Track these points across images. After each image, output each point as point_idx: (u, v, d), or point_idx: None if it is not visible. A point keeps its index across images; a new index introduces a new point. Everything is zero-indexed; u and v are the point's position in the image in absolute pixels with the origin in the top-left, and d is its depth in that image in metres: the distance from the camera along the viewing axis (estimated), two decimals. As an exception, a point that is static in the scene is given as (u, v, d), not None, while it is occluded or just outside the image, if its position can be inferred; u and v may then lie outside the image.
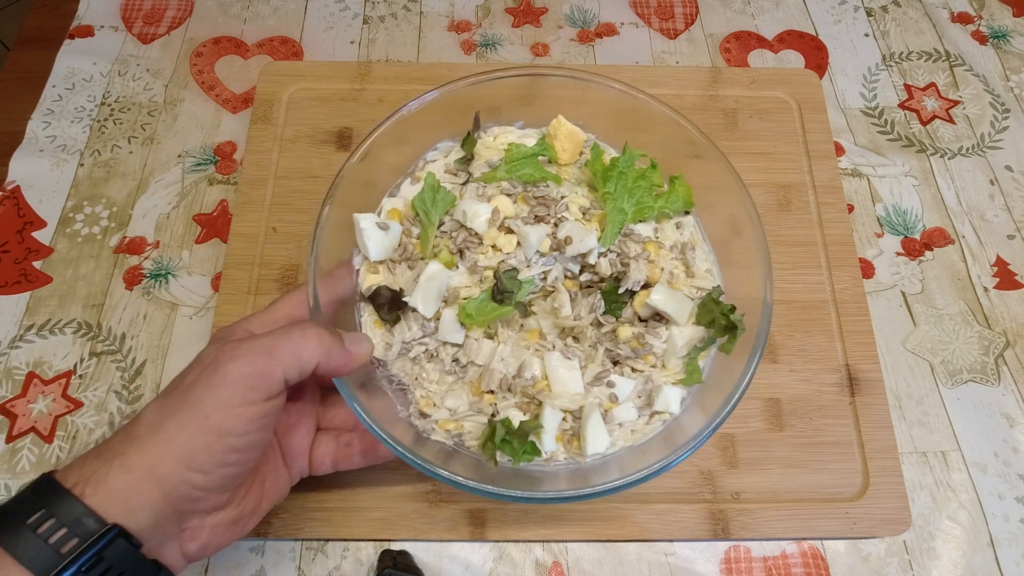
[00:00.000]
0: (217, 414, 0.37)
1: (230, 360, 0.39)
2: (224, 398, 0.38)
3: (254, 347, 0.39)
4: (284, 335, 0.41)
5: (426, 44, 0.78)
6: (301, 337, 0.41)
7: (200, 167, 0.69)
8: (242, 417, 0.38)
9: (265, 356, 0.39)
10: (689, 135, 0.55)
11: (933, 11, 0.83)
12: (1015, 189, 0.71)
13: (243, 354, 0.39)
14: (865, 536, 0.55)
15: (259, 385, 0.39)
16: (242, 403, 0.38)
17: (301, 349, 0.40)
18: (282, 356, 0.40)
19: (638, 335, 0.51)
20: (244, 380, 0.38)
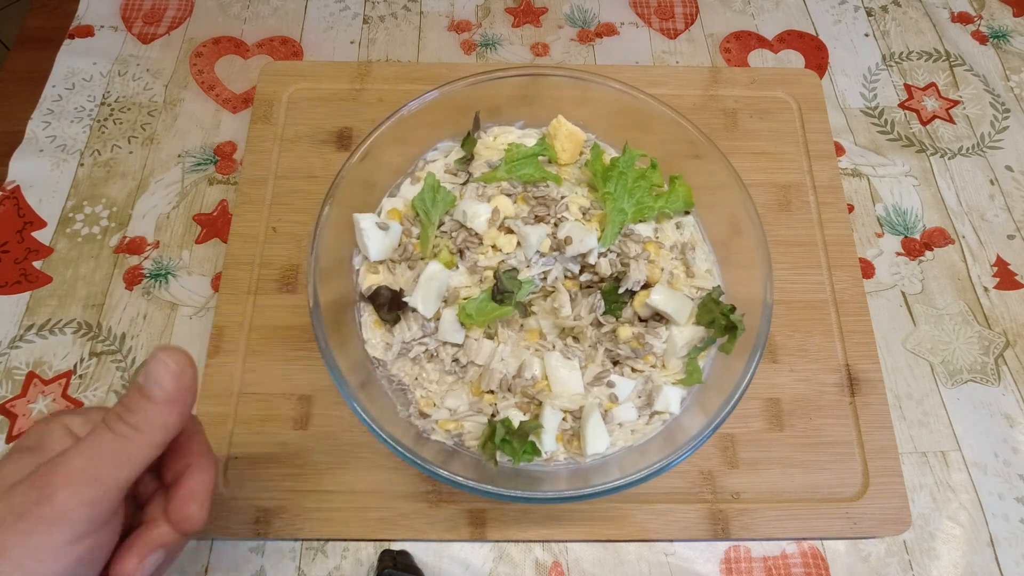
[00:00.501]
0: (33, 565, 0.29)
1: (62, 488, 0.30)
2: (46, 540, 0.30)
3: (87, 467, 0.31)
4: (110, 444, 0.32)
5: (426, 44, 0.78)
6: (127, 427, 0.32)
7: (200, 167, 0.69)
8: (73, 554, 0.30)
9: (106, 477, 0.31)
10: (689, 135, 0.55)
11: (933, 11, 0.83)
12: (1015, 189, 0.71)
13: (77, 479, 0.30)
14: (865, 536, 0.55)
15: (99, 511, 0.31)
16: (74, 538, 0.30)
17: (142, 453, 0.32)
18: (121, 469, 0.31)
19: (638, 335, 0.51)
20: (82, 511, 0.30)
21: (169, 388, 0.32)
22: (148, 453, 0.32)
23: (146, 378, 0.32)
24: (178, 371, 0.32)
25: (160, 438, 0.32)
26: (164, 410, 0.32)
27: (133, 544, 0.34)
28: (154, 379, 0.32)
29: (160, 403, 0.32)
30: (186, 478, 0.35)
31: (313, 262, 0.49)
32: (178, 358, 0.32)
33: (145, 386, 0.32)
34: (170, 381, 0.32)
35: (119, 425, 0.32)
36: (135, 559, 0.34)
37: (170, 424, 0.32)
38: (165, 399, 0.32)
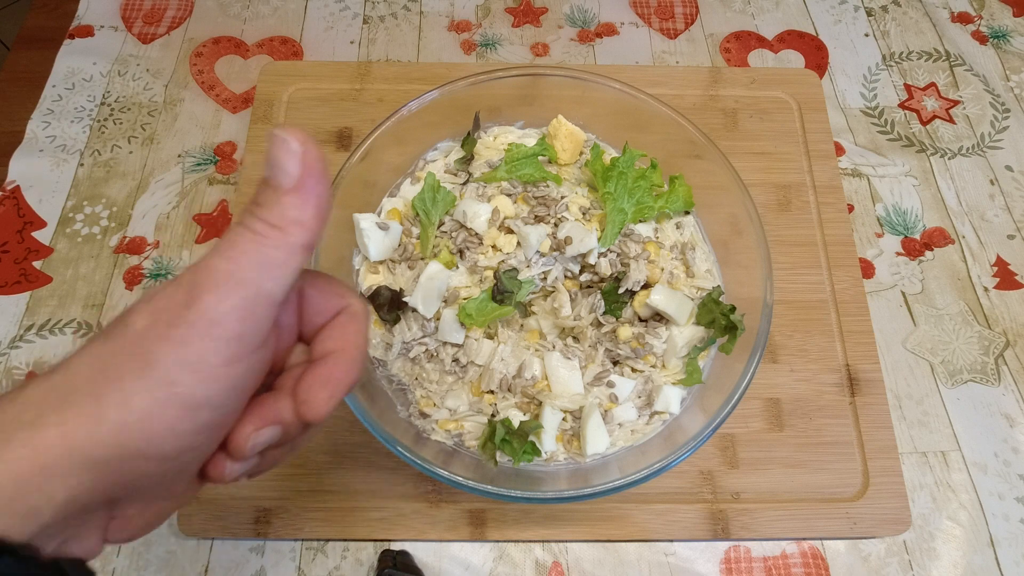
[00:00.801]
0: (188, 379, 0.26)
1: (209, 291, 0.26)
2: (199, 355, 0.26)
3: (232, 269, 0.26)
4: (250, 244, 0.27)
5: (426, 44, 0.78)
6: (275, 239, 0.27)
7: (200, 167, 0.69)
8: (225, 379, 0.27)
9: (251, 281, 0.26)
10: (689, 135, 0.55)
11: (933, 11, 0.83)
12: (1015, 189, 0.71)
13: (222, 281, 0.26)
14: (865, 536, 0.55)
15: (251, 328, 0.27)
16: (226, 360, 0.26)
17: (283, 255, 0.27)
18: (266, 276, 0.27)
19: (638, 335, 0.51)
20: (232, 323, 0.26)
21: (294, 172, 0.27)
22: (291, 257, 0.27)
23: (268, 167, 0.28)
24: (301, 150, 0.27)
25: (300, 236, 0.27)
26: (295, 200, 0.27)
27: (252, 410, 0.30)
28: (276, 164, 0.27)
29: (288, 191, 0.27)
30: (329, 361, 0.31)
31: (313, 262, 0.49)
32: (298, 134, 0.27)
33: (270, 176, 0.27)
34: (294, 164, 0.27)
35: (254, 222, 0.27)
36: (250, 426, 0.29)
37: (306, 218, 0.27)
38: (293, 186, 0.27)
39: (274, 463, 0.33)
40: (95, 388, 0.25)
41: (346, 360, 0.31)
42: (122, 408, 0.25)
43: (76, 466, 0.25)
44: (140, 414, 0.25)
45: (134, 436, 0.25)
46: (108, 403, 0.25)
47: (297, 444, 0.33)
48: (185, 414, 0.26)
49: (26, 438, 0.24)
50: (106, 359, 0.26)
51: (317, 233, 0.28)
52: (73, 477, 0.25)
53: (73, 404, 0.25)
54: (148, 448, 0.26)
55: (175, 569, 0.53)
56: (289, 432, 0.30)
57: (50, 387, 0.26)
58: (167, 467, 0.27)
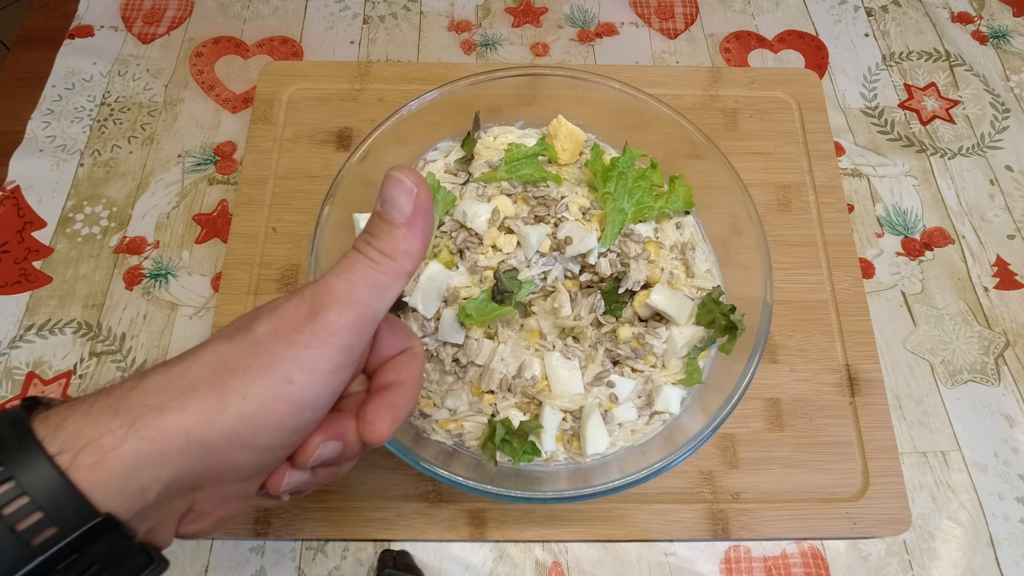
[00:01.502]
0: (303, 379, 0.29)
1: (331, 308, 0.30)
2: (315, 360, 0.29)
3: (350, 289, 0.31)
4: (366, 268, 0.31)
5: (426, 44, 0.78)
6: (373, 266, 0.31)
7: (200, 167, 0.69)
8: (330, 385, 0.30)
9: (364, 301, 0.31)
10: (689, 135, 0.55)
11: (933, 11, 0.83)
12: (1015, 189, 0.71)
13: (341, 299, 0.30)
14: (865, 536, 0.55)
15: (358, 342, 0.31)
16: (335, 367, 0.30)
17: (391, 280, 0.31)
18: (375, 298, 0.31)
19: (638, 335, 0.51)
20: (346, 336, 0.30)
21: (407, 210, 0.31)
22: (396, 282, 0.31)
23: (383, 203, 0.31)
24: (415, 190, 0.31)
25: (407, 265, 0.31)
26: (407, 234, 0.31)
27: (321, 424, 0.32)
28: (391, 202, 0.31)
29: (401, 226, 0.31)
30: (392, 390, 0.34)
31: (313, 262, 0.49)
32: (412, 175, 0.31)
33: (383, 211, 0.31)
34: (407, 202, 0.31)
35: (371, 251, 0.31)
36: (319, 437, 0.32)
37: (414, 250, 0.31)
38: (405, 222, 0.31)
39: (320, 483, 0.35)
40: (217, 380, 0.28)
41: (408, 391, 0.34)
42: (242, 399, 0.28)
43: (186, 450, 0.27)
44: (257, 405, 0.28)
45: (247, 425, 0.28)
46: (229, 393, 0.28)
47: (343, 468, 0.36)
48: (294, 411, 0.29)
49: (150, 421, 0.27)
50: (229, 356, 0.29)
51: (420, 261, 0.32)
52: (181, 459, 0.27)
53: (195, 392, 0.28)
54: (254, 439, 0.29)
55: (175, 569, 0.53)
56: (347, 450, 0.33)
57: (172, 376, 0.28)
58: (260, 461, 0.30)
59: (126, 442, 0.26)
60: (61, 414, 0.27)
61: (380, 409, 0.33)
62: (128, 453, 0.26)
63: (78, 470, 0.25)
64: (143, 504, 0.27)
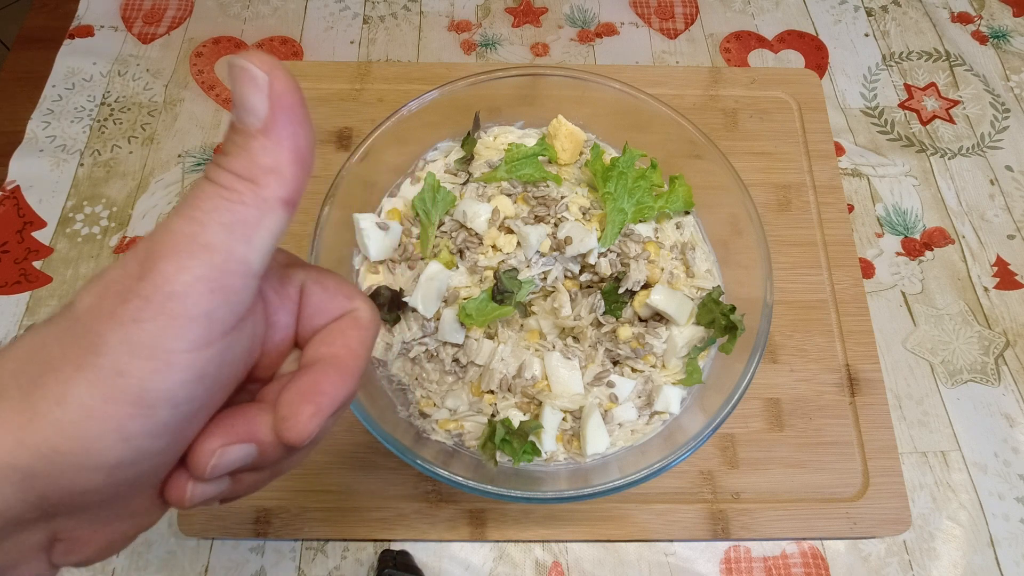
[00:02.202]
0: (140, 367, 0.20)
1: (166, 258, 0.21)
2: (153, 337, 0.20)
3: (195, 232, 0.21)
4: (216, 200, 0.22)
5: (426, 44, 0.78)
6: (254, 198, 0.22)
7: (200, 167, 0.69)
8: (190, 370, 0.21)
9: (219, 246, 0.21)
10: (689, 135, 0.55)
11: (933, 11, 0.83)
12: (1015, 189, 0.71)
13: (183, 247, 0.21)
14: (865, 536, 0.55)
15: (221, 305, 0.22)
16: (191, 344, 0.21)
17: (257, 212, 0.22)
18: (236, 239, 0.22)
19: (638, 335, 0.51)
20: (197, 298, 0.21)
21: (262, 109, 0.22)
22: (266, 214, 0.22)
23: (235, 106, 0.22)
24: (268, 80, 0.22)
25: (276, 188, 0.22)
26: (266, 144, 0.22)
27: (222, 421, 0.24)
28: (241, 105, 0.22)
29: (257, 134, 0.22)
30: (317, 369, 0.25)
31: (313, 262, 0.49)
32: (260, 60, 0.22)
33: (235, 118, 0.22)
34: (260, 98, 0.22)
35: (220, 174, 0.22)
36: (216, 440, 0.24)
37: (281, 163, 0.22)
38: (261, 127, 0.22)
39: (251, 489, 0.27)
40: (26, 381, 0.21)
41: (339, 370, 0.25)
42: (57, 404, 0.20)
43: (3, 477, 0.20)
44: (79, 411, 0.20)
45: (70, 439, 0.20)
46: (40, 399, 0.20)
47: (280, 468, 0.28)
48: (136, 412, 0.21)
49: None
50: (43, 347, 0.21)
51: (298, 182, 0.23)
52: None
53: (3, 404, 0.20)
54: (88, 456, 0.21)
55: (175, 569, 0.53)
56: (267, 454, 0.25)
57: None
58: (115, 480, 0.22)
59: None
60: None
61: (298, 397, 0.24)
62: None
63: None
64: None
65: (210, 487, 0.25)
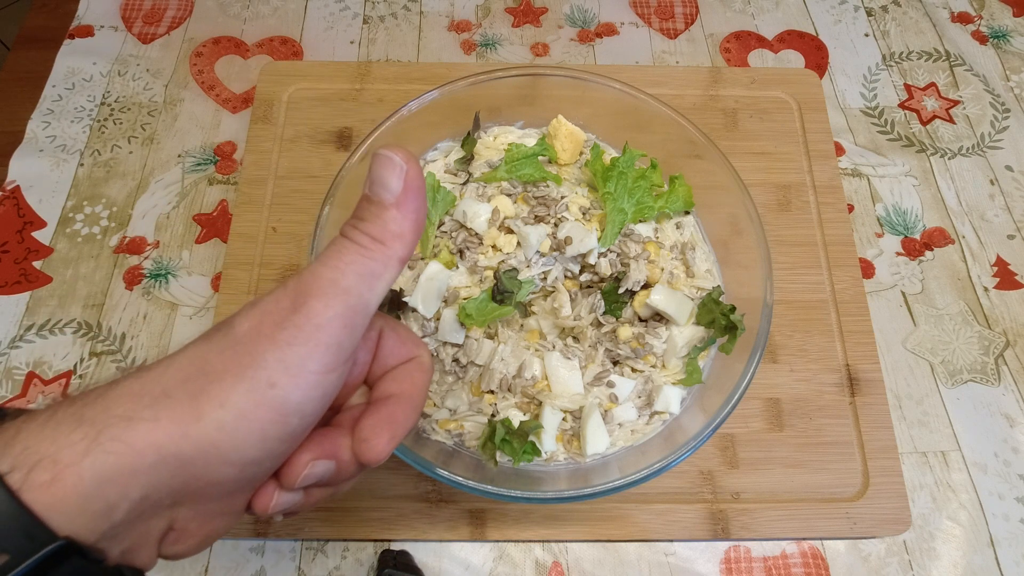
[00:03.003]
0: (287, 381, 0.26)
1: (316, 297, 0.27)
2: (300, 359, 0.26)
3: (336, 277, 0.27)
4: (354, 255, 0.28)
5: (426, 44, 0.78)
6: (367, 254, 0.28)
7: (200, 167, 0.69)
8: (319, 387, 0.27)
9: (353, 290, 0.27)
10: (689, 135, 0.55)
11: (933, 11, 0.83)
12: (1015, 189, 0.71)
13: (327, 289, 0.27)
14: (865, 536, 0.55)
15: (348, 338, 0.27)
16: (324, 367, 0.27)
17: (382, 267, 0.28)
18: (365, 286, 0.28)
19: (638, 335, 0.51)
20: (334, 330, 0.27)
21: (396, 188, 0.28)
22: (388, 269, 0.28)
23: (371, 183, 0.29)
24: (404, 167, 0.28)
25: (399, 250, 0.28)
26: (397, 215, 0.28)
27: (311, 440, 0.29)
28: (379, 182, 0.28)
29: (391, 207, 0.28)
30: (392, 403, 0.31)
31: (313, 262, 0.49)
32: (401, 152, 0.29)
33: (372, 192, 0.29)
34: (396, 180, 0.28)
35: (358, 235, 0.28)
36: (308, 455, 0.29)
37: (406, 231, 0.28)
38: (394, 202, 0.28)
39: (314, 503, 0.32)
40: (193, 386, 0.25)
41: (410, 404, 0.31)
42: (219, 406, 0.25)
43: (159, 464, 0.24)
44: (236, 413, 0.25)
45: (227, 436, 0.25)
46: (205, 400, 0.25)
47: (341, 488, 0.32)
48: (277, 418, 0.26)
49: (117, 433, 0.24)
50: (207, 358, 0.26)
51: (414, 247, 0.29)
52: (154, 474, 0.25)
53: (168, 400, 0.25)
54: (234, 451, 0.26)
55: (175, 569, 0.53)
56: (342, 470, 0.30)
57: (145, 382, 0.26)
58: (243, 475, 0.27)
59: (88, 457, 0.23)
60: (15, 427, 0.24)
61: (377, 424, 0.30)
62: (90, 469, 0.23)
63: (31, 489, 0.23)
64: (110, 524, 0.24)
65: (291, 497, 0.29)
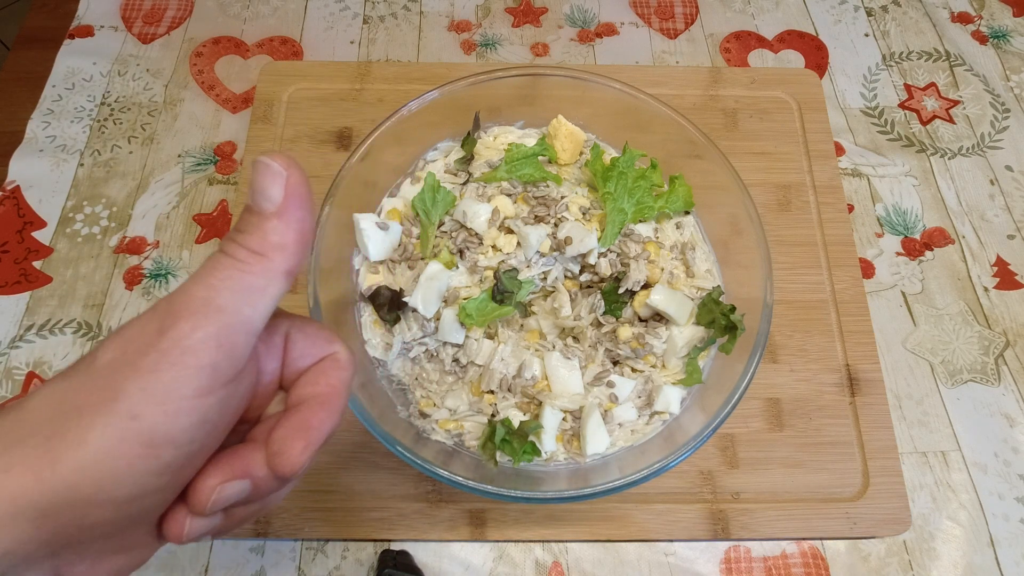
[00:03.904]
0: (152, 411, 0.24)
1: (184, 319, 0.24)
2: (167, 386, 0.24)
3: (210, 296, 0.25)
4: (230, 270, 0.26)
5: (426, 44, 0.78)
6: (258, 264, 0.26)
7: (200, 167, 0.69)
8: (194, 414, 0.24)
9: (229, 308, 0.25)
10: (689, 135, 0.55)
11: (933, 11, 0.83)
12: (1015, 189, 0.71)
13: (198, 309, 0.25)
14: (865, 536, 0.55)
15: (225, 359, 0.25)
16: (197, 391, 0.24)
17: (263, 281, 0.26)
18: (244, 302, 0.26)
19: (638, 335, 0.51)
20: (207, 352, 0.24)
21: (277, 197, 0.26)
22: (271, 283, 0.26)
23: (251, 193, 0.27)
24: (284, 173, 0.26)
25: (281, 262, 0.26)
26: (278, 225, 0.26)
27: (220, 460, 0.27)
28: (258, 191, 0.26)
29: (271, 216, 0.26)
30: (305, 408, 0.29)
31: (313, 262, 0.49)
32: (281, 158, 0.27)
33: (252, 202, 0.27)
34: (276, 189, 0.26)
35: (235, 249, 0.26)
36: (215, 479, 0.26)
37: (288, 242, 0.26)
38: (275, 211, 0.26)
39: (242, 522, 0.30)
40: (49, 428, 0.23)
41: (325, 407, 0.29)
42: (78, 447, 0.23)
43: (17, 516, 0.22)
44: (97, 452, 0.23)
45: (88, 479, 0.23)
46: (62, 442, 0.23)
47: (269, 501, 0.30)
48: (145, 452, 0.24)
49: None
50: (65, 395, 0.24)
51: (300, 259, 0.27)
52: (13, 528, 0.22)
53: (22, 446, 0.23)
54: (101, 493, 0.23)
55: (175, 569, 0.53)
56: (260, 488, 0.28)
57: (6, 424, 0.24)
58: (121, 514, 0.24)
59: None
60: None
61: (289, 434, 0.27)
62: None
63: None
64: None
65: (206, 522, 0.27)
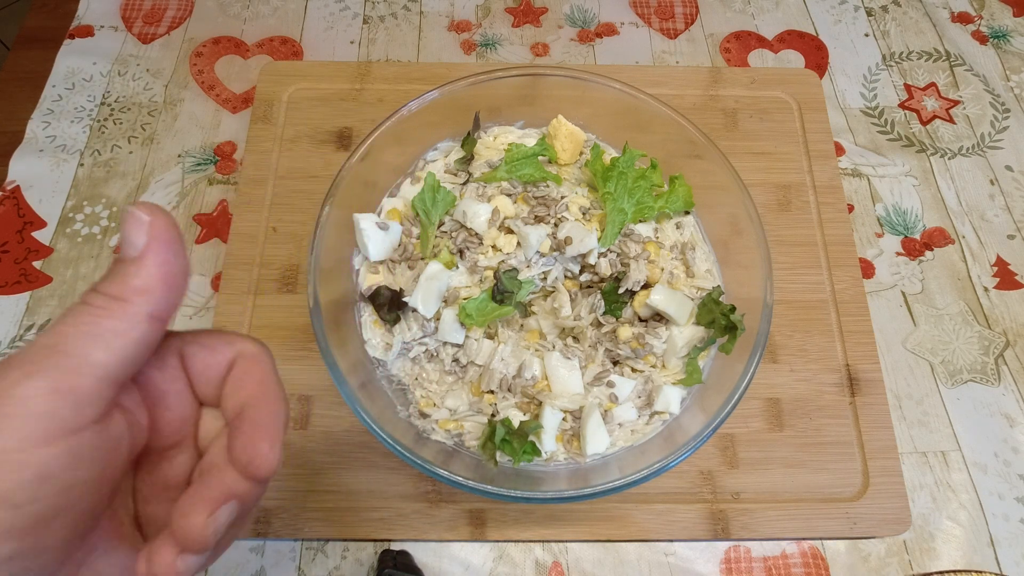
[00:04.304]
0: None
1: (16, 367, 0.23)
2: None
3: (55, 343, 0.24)
4: (84, 316, 0.25)
5: (426, 44, 0.78)
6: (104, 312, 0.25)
7: (200, 167, 0.69)
8: (30, 467, 0.22)
9: (75, 353, 0.24)
10: (689, 135, 0.55)
11: (933, 11, 0.83)
12: (1015, 189, 0.71)
13: (35, 358, 0.24)
14: (865, 536, 0.55)
15: (64, 406, 0.23)
16: (31, 442, 0.23)
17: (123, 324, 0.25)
18: (95, 347, 0.24)
19: (638, 335, 0.51)
20: (42, 400, 0.23)
21: (140, 243, 0.25)
22: (133, 326, 0.25)
23: (120, 241, 0.27)
24: (149, 220, 0.26)
25: (143, 305, 0.25)
26: (139, 270, 0.25)
27: (197, 496, 0.26)
28: (125, 240, 0.26)
29: (133, 262, 0.26)
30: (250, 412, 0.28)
31: (313, 262, 0.49)
32: (145, 207, 0.26)
33: (121, 251, 0.26)
34: (140, 235, 0.26)
35: (92, 296, 0.25)
36: (202, 514, 0.26)
37: (151, 285, 0.25)
38: (137, 255, 0.26)
39: (231, 540, 0.29)
40: None
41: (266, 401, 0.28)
42: None
43: None
44: None
45: None
46: None
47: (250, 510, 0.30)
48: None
49: None
50: None
51: (167, 301, 0.26)
52: None
53: None
54: None
55: (175, 569, 0.53)
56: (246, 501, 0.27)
57: None
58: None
59: None
60: None
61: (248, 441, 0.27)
62: None
63: None
64: None
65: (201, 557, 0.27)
